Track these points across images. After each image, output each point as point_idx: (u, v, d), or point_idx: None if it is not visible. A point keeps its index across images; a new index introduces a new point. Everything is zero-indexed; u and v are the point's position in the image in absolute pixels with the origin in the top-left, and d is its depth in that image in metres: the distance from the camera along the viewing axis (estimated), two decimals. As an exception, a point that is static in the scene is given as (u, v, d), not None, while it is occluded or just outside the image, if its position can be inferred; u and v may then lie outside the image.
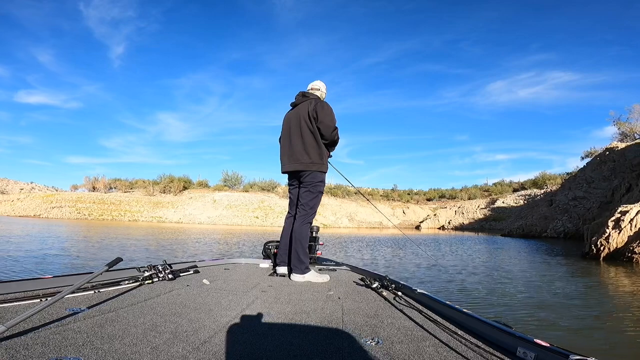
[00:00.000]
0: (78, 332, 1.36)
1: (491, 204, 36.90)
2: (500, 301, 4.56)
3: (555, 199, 19.75)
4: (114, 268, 2.04)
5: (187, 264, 3.12)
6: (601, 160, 19.41)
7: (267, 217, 34.25)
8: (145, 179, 39.78)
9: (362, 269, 3.46)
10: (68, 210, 32.94)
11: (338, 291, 2.50)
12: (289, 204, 3.28)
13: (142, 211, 34.27)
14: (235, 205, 35.31)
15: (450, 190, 44.18)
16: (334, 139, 3.08)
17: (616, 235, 8.08)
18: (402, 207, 41.27)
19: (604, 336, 3.27)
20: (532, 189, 36.04)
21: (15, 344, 1.18)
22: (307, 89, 3.29)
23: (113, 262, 1.98)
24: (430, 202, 43.39)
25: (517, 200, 35.12)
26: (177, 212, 34.55)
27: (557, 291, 5.29)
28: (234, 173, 39.49)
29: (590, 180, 19.01)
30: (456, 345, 1.44)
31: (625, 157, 17.50)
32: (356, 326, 1.66)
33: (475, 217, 35.90)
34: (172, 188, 37.38)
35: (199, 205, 35.26)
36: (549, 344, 1.25)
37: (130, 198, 36.12)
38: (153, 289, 2.23)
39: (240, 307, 1.95)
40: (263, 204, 35.71)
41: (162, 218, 33.22)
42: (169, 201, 35.90)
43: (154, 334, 1.40)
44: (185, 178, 38.94)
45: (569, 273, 7.10)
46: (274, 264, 3.35)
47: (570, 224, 17.57)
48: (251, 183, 39.34)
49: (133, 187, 39.24)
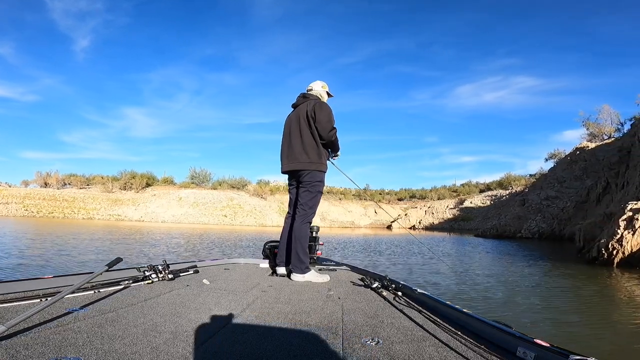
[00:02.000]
0: (78, 332, 1.33)
1: (459, 204, 36.89)
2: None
3: (528, 199, 19.32)
4: (114, 268, 2.05)
5: (187, 263, 3.07)
6: (572, 159, 19.23)
7: (236, 216, 32.28)
8: (104, 174, 36.34)
9: (362, 269, 3.40)
10: (14, 207, 29.37)
11: (338, 291, 2.47)
12: (289, 203, 3.26)
13: (99, 209, 31.40)
14: (202, 203, 33.00)
15: (421, 191, 43.87)
16: (332, 140, 3.02)
17: (630, 237, 7.07)
18: (374, 206, 40.45)
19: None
20: (498, 190, 36.31)
21: (16, 344, 1.16)
22: (306, 89, 3.28)
23: (113, 262, 2.00)
24: (401, 201, 42.89)
25: (484, 201, 35.29)
26: (139, 209, 31.81)
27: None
28: (202, 170, 36.96)
29: (561, 179, 18.73)
30: (456, 345, 1.40)
31: (596, 156, 17.30)
32: (356, 326, 1.64)
33: (445, 217, 35.74)
34: (134, 185, 34.34)
35: (163, 203, 32.65)
36: (549, 344, 1.21)
37: (85, 195, 32.89)
38: (153, 289, 2.19)
39: (240, 307, 1.91)
40: (232, 202, 33.60)
41: (121, 216, 30.61)
42: (130, 198, 32.98)
43: (154, 334, 1.37)
44: (148, 174, 35.92)
45: (596, 292, 5.73)
46: (273, 264, 3.30)
47: (544, 224, 17.09)
48: (220, 180, 36.98)
49: (90, 183, 35.80)
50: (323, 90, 3.26)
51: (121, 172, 35.71)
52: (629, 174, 10.82)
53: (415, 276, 6.30)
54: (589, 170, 17.45)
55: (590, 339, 3.26)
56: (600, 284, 6.27)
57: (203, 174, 36.45)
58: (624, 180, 11.11)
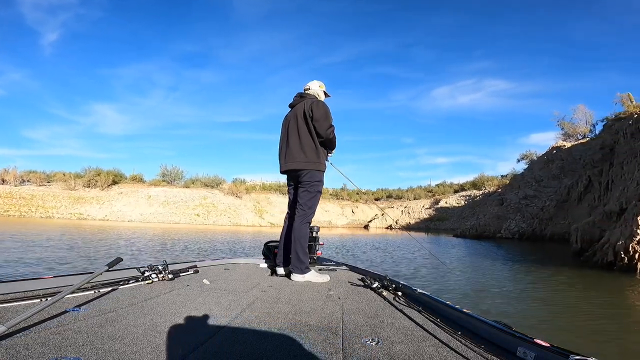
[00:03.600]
0: (78, 332, 1.33)
1: (435, 204, 36.65)
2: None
3: (506, 198, 18.79)
4: (114, 268, 2.02)
5: (187, 263, 3.00)
6: (548, 159, 18.93)
7: (209, 215, 30.46)
8: (67, 171, 33.43)
9: (362, 269, 3.32)
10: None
11: (338, 291, 2.42)
12: (288, 204, 3.18)
13: (59, 207, 28.89)
14: (173, 202, 30.95)
15: (397, 191, 43.37)
16: (330, 137, 2.96)
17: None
18: (351, 206, 39.56)
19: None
20: (472, 190, 36.34)
21: (16, 344, 1.15)
22: (303, 89, 3.22)
23: (113, 262, 1.97)
24: (378, 201, 42.20)
25: (459, 201, 35.26)
26: (103, 208, 29.45)
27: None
28: (174, 167, 34.71)
29: (539, 178, 18.35)
30: (456, 345, 1.39)
31: (572, 155, 17.00)
32: (356, 326, 1.62)
33: (421, 217, 35.37)
34: (99, 182, 31.75)
35: (131, 202, 30.37)
36: (549, 344, 1.20)
37: (45, 192, 30.15)
38: (153, 289, 2.17)
39: (240, 307, 1.89)
40: (205, 201, 31.70)
41: (84, 215, 28.27)
42: (94, 196, 30.47)
43: (154, 334, 1.36)
44: (115, 171, 33.32)
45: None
46: (273, 264, 3.22)
47: (524, 224, 16.55)
48: (193, 178, 34.88)
49: (51, 180, 32.86)
50: (320, 89, 3.20)
51: (85, 168, 32.95)
52: (614, 172, 10.31)
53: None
54: (566, 169, 17.12)
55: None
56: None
57: (175, 172, 34.25)
58: (608, 179, 10.61)
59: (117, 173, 33.34)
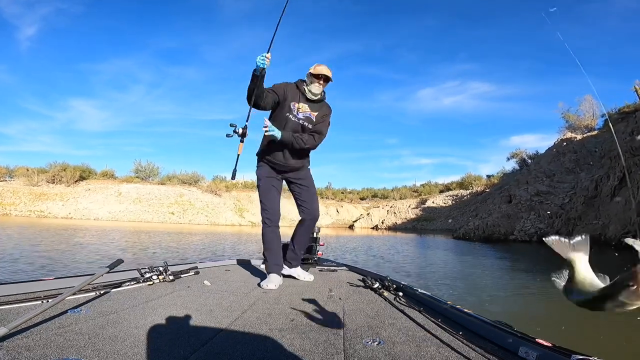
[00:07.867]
0: (79, 333, 1.27)
1: (421, 203, 34.18)
2: None
3: (515, 195, 16.09)
4: (115, 270, 1.97)
5: (188, 265, 2.87)
6: (558, 151, 16.46)
7: (185, 214, 26.94)
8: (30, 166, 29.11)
9: (363, 270, 3.16)
10: None
11: (339, 292, 2.34)
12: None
13: (18, 204, 25.17)
14: (146, 199, 27.30)
15: (383, 190, 40.76)
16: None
17: None
18: (336, 205, 36.57)
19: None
20: (458, 190, 34.03)
21: (17, 346, 1.11)
22: None
23: (114, 264, 1.92)
24: (363, 201, 39.37)
25: (446, 201, 32.92)
26: (67, 205, 25.60)
27: None
28: (149, 163, 31.10)
29: (549, 173, 15.85)
30: (458, 345, 1.33)
31: (586, 148, 14.49)
32: (357, 327, 1.56)
33: (408, 217, 32.80)
34: (65, 178, 27.76)
35: (99, 199, 26.55)
36: (551, 344, 1.16)
37: (4, 188, 26.31)
38: (154, 291, 2.09)
39: (241, 308, 1.83)
40: (182, 199, 28.12)
41: (45, 212, 24.75)
42: (58, 193, 26.56)
43: (155, 336, 1.32)
44: (83, 167, 29.43)
45: None
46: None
47: (541, 224, 13.81)
48: (170, 175, 31.32)
49: (12, 175, 28.66)
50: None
51: (50, 163, 28.78)
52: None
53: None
54: (581, 163, 14.61)
55: None
56: None
57: (149, 168, 30.55)
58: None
59: (86, 168, 29.51)
